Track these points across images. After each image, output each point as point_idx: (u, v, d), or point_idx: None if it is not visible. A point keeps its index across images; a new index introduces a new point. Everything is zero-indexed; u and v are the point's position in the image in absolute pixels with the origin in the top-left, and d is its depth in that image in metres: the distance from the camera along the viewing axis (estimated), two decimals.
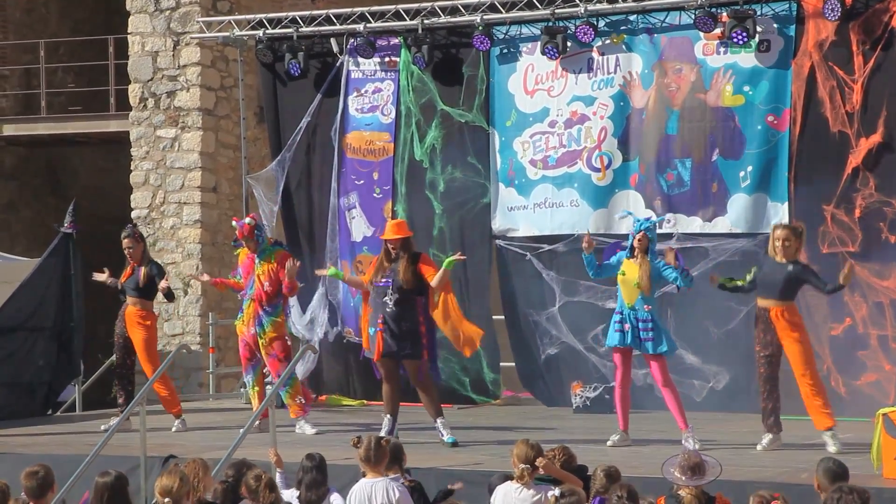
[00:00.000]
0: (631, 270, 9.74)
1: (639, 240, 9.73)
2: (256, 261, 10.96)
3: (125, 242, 11.45)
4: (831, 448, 9.17)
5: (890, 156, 11.14)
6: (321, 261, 13.37)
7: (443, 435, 9.98)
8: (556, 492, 6.55)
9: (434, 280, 10.01)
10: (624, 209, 10.82)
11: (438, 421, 10.09)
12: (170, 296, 11.65)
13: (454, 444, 9.88)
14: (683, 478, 6.28)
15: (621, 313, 9.78)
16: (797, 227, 9.68)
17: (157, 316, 11.99)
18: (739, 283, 9.78)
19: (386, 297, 10.05)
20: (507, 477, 7.08)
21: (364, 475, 6.98)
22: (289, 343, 11.36)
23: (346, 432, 10.56)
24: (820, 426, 9.39)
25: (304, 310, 13.07)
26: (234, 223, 11.31)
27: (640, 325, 9.68)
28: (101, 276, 11.66)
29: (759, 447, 9.38)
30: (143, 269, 11.38)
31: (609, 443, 9.74)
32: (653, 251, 9.78)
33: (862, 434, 9.36)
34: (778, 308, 9.44)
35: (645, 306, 9.69)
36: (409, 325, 10.07)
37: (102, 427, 11.37)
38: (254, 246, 10.96)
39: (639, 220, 9.95)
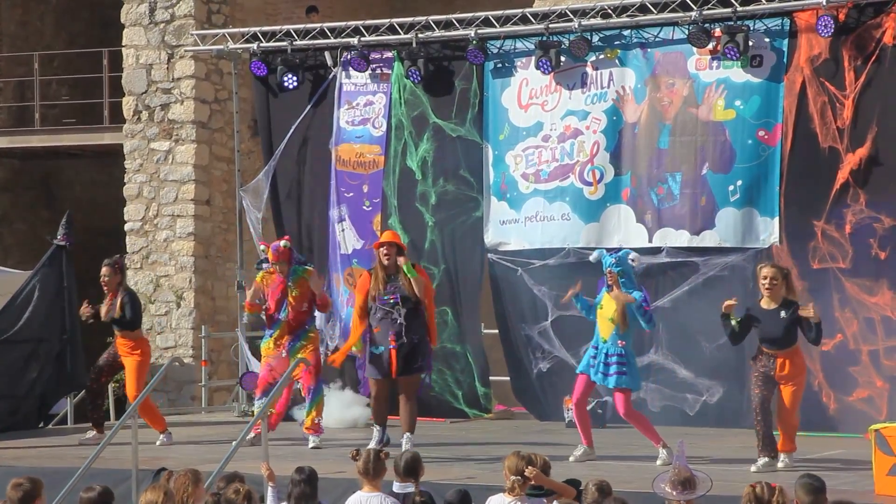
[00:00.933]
0: (608, 305, 9.74)
1: (609, 278, 9.72)
2: (289, 283, 10.81)
3: (103, 270, 11.41)
4: (780, 465, 9.22)
5: (880, 171, 11.18)
6: (318, 270, 13.41)
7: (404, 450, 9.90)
8: None
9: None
10: (596, 252, 10.57)
11: (407, 435, 10.06)
12: (123, 320, 11.33)
13: None
14: (674, 492, 6.29)
15: (596, 347, 9.79)
16: (784, 269, 9.55)
17: (147, 341, 11.87)
18: (734, 324, 9.48)
19: (394, 314, 10.01)
20: (463, 492, 7.10)
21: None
22: (320, 355, 11.26)
23: (339, 446, 10.56)
24: (779, 448, 9.40)
25: None
26: (262, 247, 11.25)
27: (611, 359, 9.66)
28: (86, 312, 11.48)
29: (753, 468, 9.33)
30: (118, 300, 11.37)
31: (571, 458, 9.70)
32: (627, 283, 9.70)
33: (854, 450, 9.38)
34: (784, 356, 9.32)
35: (619, 342, 9.66)
36: (419, 336, 10.11)
37: (79, 440, 11.36)
38: (287, 269, 10.81)
39: (605, 257, 9.90)
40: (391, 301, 10.02)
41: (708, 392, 11.73)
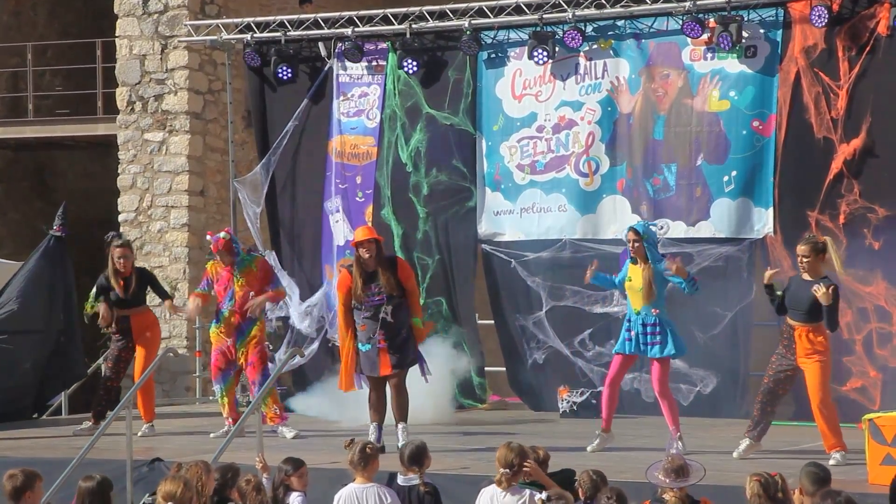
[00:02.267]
0: (636, 276, 9.68)
1: (634, 246, 9.67)
2: (235, 273, 10.90)
3: (119, 251, 11.34)
4: (831, 462, 8.92)
5: (874, 162, 11.19)
6: (307, 263, 13.42)
7: (399, 440, 9.84)
8: (543, 495, 6.57)
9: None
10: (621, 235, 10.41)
11: (401, 425, 9.99)
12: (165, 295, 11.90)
13: None
14: (668, 480, 6.31)
15: (629, 321, 9.72)
16: (818, 243, 9.27)
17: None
18: (778, 293, 9.36)
19: (383, 314, 9.93)
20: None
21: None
22: (268, 349, 11.32)
23: (332, 437, 10.57)
24: (828, 449, 9.18)
25: (302, 299, 13.16)
26: (208, 237, 11.26)
27: (648, 329, 9.64)
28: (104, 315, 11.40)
29: (735, 454, 9.27)
30: (134, 278, 11.39)
31: (589, 448, 9.68)
32: (653, 252, 9.70)
33: (847, 440, 9.36)
34: (803, 328, 9.15)
35: (652, 310, 9.62)
36: (407, 331, 10.01)
37: (73, 431, 11.33)
38: (230, 259, 10.89)
39: (626, 228, 9.92)
40: (378, 302, 9.94)
41: (702, 382, 11.75)
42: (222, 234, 11.01)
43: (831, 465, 8.66)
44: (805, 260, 9.19)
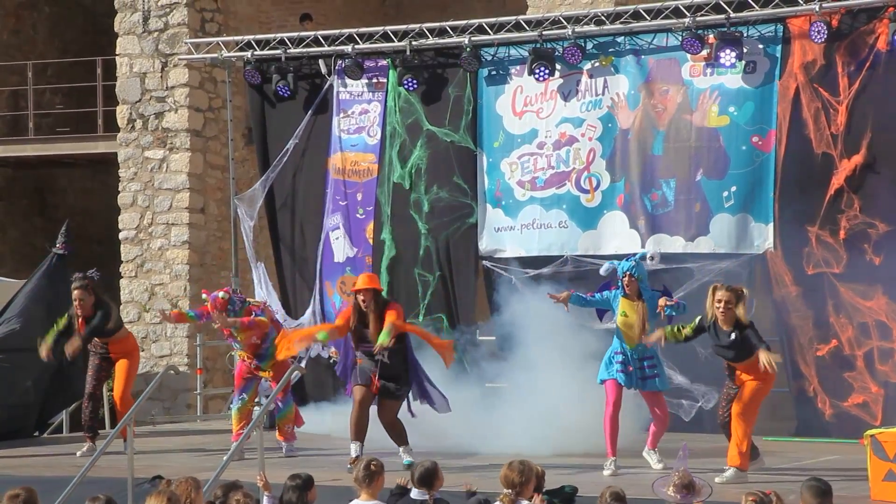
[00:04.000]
0: (631, 312, 9.71)
1: (627, 284, 9.70)
2: (233, 331, 10.79)
3: (75, 294, 11.20)
4: (718, 480, 8.86)
5: (874, 177, 11.20)
6: (307, 280, 13.41)
7: (402, 458, 9.94)
8: None
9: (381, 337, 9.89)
10: (607, 264, 10.19)
11: (402, 448, 10.07)
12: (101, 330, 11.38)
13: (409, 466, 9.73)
14: (678, 496, 6.29)
15: (623, 354, 9.70)
16: (738, 290, 9.23)
17: (133, 337, 11.92)
18: (686, 332, 9.33)
19: (378, 356, 9.99)
20: (471, 494, 7.10)
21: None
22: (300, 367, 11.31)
23: (334, 454, 10.55)
24: (729, 462, 9.15)
25: (303, 313, 13.19)
26: (203, 296, 11.07)
27: (646, 363, 9.67)
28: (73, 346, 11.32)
29: (717, 479, 8.98)
30: (95, 315, 11.25)
31: (607, 473, 9.65)
32: (644, 287, 9.77)
33: (849, 456, 9.38)
34: (741, 367, 9.20)
35: (646, 344, 9.69)
36: (398, 370, 10.08)
37: (78, 454, 11.27)
38: (224, 319, 10.68)
39: (620, 264, 9.88)
40: (371, 350, 10.01)
41: (704, 398, 11.72)
42: (221, 294, 10.80)
43: (718, 482, 8.63)
44: (729, 306, 9.08)
